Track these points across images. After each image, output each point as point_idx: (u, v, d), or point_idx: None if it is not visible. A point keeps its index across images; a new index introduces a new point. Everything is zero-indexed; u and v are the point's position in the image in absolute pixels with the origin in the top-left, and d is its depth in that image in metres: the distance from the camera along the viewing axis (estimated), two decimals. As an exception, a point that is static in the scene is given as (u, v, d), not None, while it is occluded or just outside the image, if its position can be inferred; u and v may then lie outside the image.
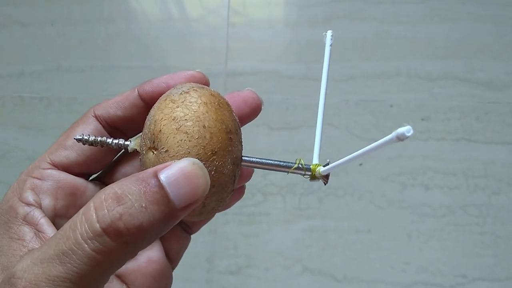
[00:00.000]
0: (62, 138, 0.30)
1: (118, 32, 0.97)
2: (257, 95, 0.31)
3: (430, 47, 0.94)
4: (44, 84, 0.95)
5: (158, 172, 0.22)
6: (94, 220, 0.20)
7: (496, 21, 0.94)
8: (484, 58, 0.93)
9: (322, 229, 0.87)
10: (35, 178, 0.28)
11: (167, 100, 0.26)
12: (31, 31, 0.97)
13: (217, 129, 0.25)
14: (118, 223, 0.20)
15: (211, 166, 0.25)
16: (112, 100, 0.30)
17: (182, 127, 0.24)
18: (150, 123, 0.26)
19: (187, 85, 0.27)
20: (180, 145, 0.24)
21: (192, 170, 0.22)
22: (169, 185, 0.21)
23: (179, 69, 0.94)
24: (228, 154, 0.26)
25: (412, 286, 0.85)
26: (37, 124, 0.93)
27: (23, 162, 0.91)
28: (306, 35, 0.94)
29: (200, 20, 0.97)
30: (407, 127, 0.20)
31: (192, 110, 0.25)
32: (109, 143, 0.28)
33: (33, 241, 0.25)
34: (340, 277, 0.85)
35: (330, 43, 0.29)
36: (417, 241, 0.86)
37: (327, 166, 0.28)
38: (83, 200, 0.29)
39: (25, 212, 0.26)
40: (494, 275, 0.84)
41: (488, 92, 0.90)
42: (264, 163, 0.29)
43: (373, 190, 0.87)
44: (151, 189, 0.21)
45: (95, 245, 0.20)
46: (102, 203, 0.21)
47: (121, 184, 0.21)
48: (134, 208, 0.20)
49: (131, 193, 0.21)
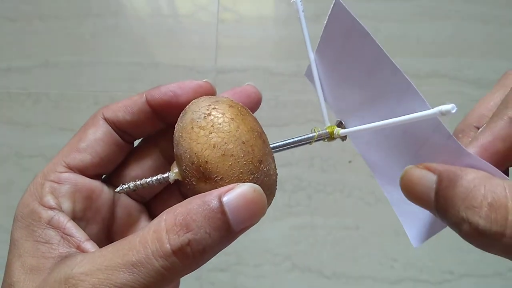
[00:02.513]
0: (74, 141, 0.29)
1: (107, 28, 0.96)
2: (257, 89, 0.32)
3: (419, 45, 0.94)
4: (32, 80, 0.94)
5: (222, 196, 0.24)
6: (165, 242, 0.23)
7: (484, 20, 0.95)
8: (472, 56, 0.94)
9: (311, 225, 0.87)
10: (53, 182, 0.28)
11: (194, 128, 0.26)
12: (19, 26, 0.96)
13: (253, 139, 0.26)
14: (186, 248, 0.23)
15: (261, 174, 0.26)
16: (121, 103, 0.30)
17: (227, 152, 0.25)
18: (190, 156, 0.26)
19: (203, 105, 0.27)
20: (232, 169, 0.25)
21: (252, 197, 0.24)
22: (231, 211, 0.23)
23: (168, 65, 0.93)
24: (268, 155, 0.27)
25: (400, 282, 0.86)
26: (24, 120, 0.92)
27: (10, 158, 0.90)
28: (296, 32, 0.94)
29: (190, 16, 0.97)
30: (452, 105, 0.21)
31: (225, 132, 0.25)
32: (151, 183, 0.29)
33: (61, 245, 0.26)
34: (328, 274, 0.86)
35: (302, 9, 0.30)
36: (405, 238, 0.86)
37: (346, 129, 0.30)
38: (98, 203, 0.30)
39: (49, 216, 0.27)
40: (480, 271, 0.85)
41: (476, 90, 0.91)
42: (288, 143, 0.31)
43: (362, 187, 0.88)
44: (215, 215, 0.23)
45: (163, 263, 0.23)
46: (173, 228, 0.23)
47: (189, 209, 0.23)
48: (199, 235, 0.23)
49: (197, 219, 0.23)
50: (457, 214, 0.22)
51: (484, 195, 0.22)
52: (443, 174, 0.23)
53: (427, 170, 0.24)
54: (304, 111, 0.90)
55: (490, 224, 0.21)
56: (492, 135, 0.25)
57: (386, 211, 0.87)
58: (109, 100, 0.91)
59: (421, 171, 0.24)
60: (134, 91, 0.91)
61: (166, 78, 0.93)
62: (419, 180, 0.24)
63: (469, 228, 0.22)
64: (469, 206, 0.22)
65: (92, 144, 0.29)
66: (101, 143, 0.29)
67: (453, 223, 0.23)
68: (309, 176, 0.88)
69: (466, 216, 0.22)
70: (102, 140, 0.29)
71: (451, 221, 0.23)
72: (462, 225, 0.22)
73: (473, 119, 0.29)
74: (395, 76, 0.24)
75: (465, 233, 0.22)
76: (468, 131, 0.29)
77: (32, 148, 0.91)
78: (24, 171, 0.90)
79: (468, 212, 0.22)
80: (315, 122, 0.89)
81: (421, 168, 0.24)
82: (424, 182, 0.24)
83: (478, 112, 0.29)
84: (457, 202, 0.22)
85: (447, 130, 0.22)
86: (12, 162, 0.90)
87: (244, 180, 0.25)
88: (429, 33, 0.95)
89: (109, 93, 0.91)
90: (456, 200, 0.23)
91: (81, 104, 0.92)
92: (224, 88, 0.31)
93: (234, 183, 0.25)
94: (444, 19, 0.95)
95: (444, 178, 0.23)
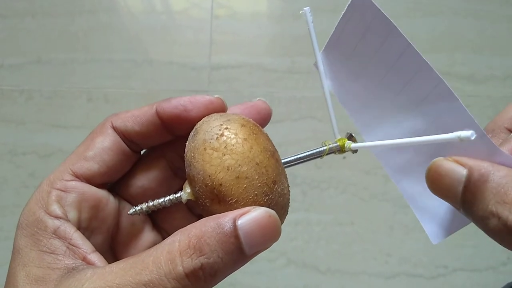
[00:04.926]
0: (82, 149, 0.29)
1: (100, 25, 0.95)
2: (268, 104, 0.32)
3: (412, 40, 0.94)
4: (25, 77, 0.93)
5: (237, 219, 0.23)
6: (178, 264, 0.23)
7: (477, 16, 0.96)
8: (465, 52, 0.94)
9: (306, 222, 0.88)
10: (59, 190, 0.28)
11: (207, 149, 0.26)
12: (11, 23, 0.96)
13: (266, 160, 0.26)
14: (198, 271, 0.23)
15: (275, 195, 0.26)
16: (130, 113, 0.30)
17: (241, 174, 0.25)
18: (203, 178, 0.25)
19: (215, 124, 0.27)
20: (247, 191, 0.25)
21: (267, 222, 0.24)
22: (244, 235, 0.23)
23: (162, 62, 0.93)
24: (281, 174, 0.27)
25: (394, 277, 0.86)
26: (17, 117, 0.91)
27: (4, 156, 0.90)
28: (290, 29, 0.95)
29: (184, 12, 0.96)
30: (471, 132, 0.21)
31: (239, 153, 0.25)
32: (163, 203, 0.29)
33: (67, 255, 0.26)
34: (323, 269, 0.86)
35: (311, 19, 0.30)
36: (399, 233, 0.87)
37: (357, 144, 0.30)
38: (104, 212, 0.29)
39: (55, 225, 0.26)
40: (474, 265, 0.86)
41: (469, 85, 0.92)
42: (300, 158, 0.30)
43: (356, 183, 0.88)
44: (228, 239, 0.23)
45: (175, 285, 0.23)
46: (187, 250, 0.23)
47: (203, 231, 0.23)
48: (212, 259, 0.23)
49: (211, 243, 0.23)
50: (486, 208, 0.22)
51: None
52: (474, 168, 0.23)
53: (457, 164, 0.24)
54: (299, 108, 0.90)
55: None
56: None
57: (380, 207, 0.88)
58: (102, 97, 0.90)
59: (451, 164, 0.24)
60: (128, 88, 0.91)
61: (160, 75, 0.93)
62: (447, 172, 0.24)
63: (497, 223, 0.22)
64: (500, 201, 0.22)
65: (99, 153, 0.29)
66: (109, 152, 0.29)
67: (479, 218, 0.23)
68: (303, 173, 0.88)
69: (496, 211, 0.22)
70: (110, 149, 0.29)
71: (477, 215, 0.23)
72: (490, 219, 0.22)
73: (504, 121, 0.29)
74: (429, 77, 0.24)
75: (493, 228, 0.22)
76: (499, 132, 0.29)
77: (25, 146, 0.90)
78: (17, 169, 0.89)
79: (498, 207, 0.22)
80: (310, 118, 0.89)
81: (450, 161, 0.24)
82: (453, 175, 0.24)
83: (510, 113, 0.29)
84: (487, 196, 0.23)
85: (481, 128, 0.22)
86: (6, 159, 0.90)
87: (258, 202, 0.25)
88: (422, 29, 0.95)
89: (102, 90, 0.90)
90: (486, 194, 0.23)
91: (74, 101, 0.91)
92: (219, 84, 0.31)
93: (249, 206, 0.25)
94: (437, 14, 0.96)
95: (475, 172, 0.23)
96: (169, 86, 0.92)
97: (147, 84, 0.92)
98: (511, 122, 0.29)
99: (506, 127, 0.29)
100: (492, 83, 0.93)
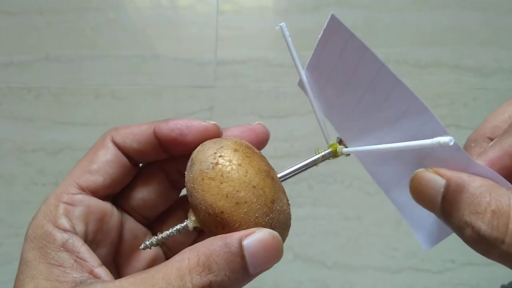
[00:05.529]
0: (85, 163, 0.30)
1: (107, 21, 0.96)
2: (266, 128, 0.33)
3: (419, 34, 0.94)
4: (33, 74, 0.94)
5: (243, 239, 0.25)
6: (188, 281, 0.24)
7: (484, 9, 0.95)
8: (472, 45, 0.94)
9: (312, 216, 0.88)
10: (66, 204, 0.28)
11: (204, 179, 0.27)
12: (19, 20, 0.96)
13: (262, 181, 0.27)
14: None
15: (275, 213, 0.27)
16: (130, 130, 0.31)
17: (240, 200, 0.26)
18: (205, 208, 0.27)
19: (209, 153, 0.28)
20: (247, 215, 0.26)
21: (271, 243, 0.25)
22: (250, 255, 0.24)
23: (168, 58, 0.93)
24: (279, 191, 0.28)
25: (401, 272, 0.86)
26: (26, 115, 0.92)
27: (13, 153, 0.91)
28: (296, 23, 0.94)
29: (190, 8, 0.96)
30: (450, 138, 0.22)
31: (235, 179, 0.26)
32: (172, 234, 0.30)
33: (74, 268, 0.26)
34: (330, 264, 0.87)
35: (288, 34, 0.31)
36: (406, 227, 0.87)
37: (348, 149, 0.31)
38: (109, 225, 0.30)
39: (64, 239, 0.27)
40: (481, 259, 0.85)
41: (475, 78, 0.91)
42: (295, 170, 0.31)
43: (362, 176, 0.88)
44: (235, 259, 0.24)
45: None
46: (196, 268, 0.24)
47: (211, 250, 0.24)
48: (220, 277, 0.24)
49: (219, 262, 0.24)
50: (461, 218, 0.23)
51: (489, 202, 0.23)
52: (452, 179, 0.24)
53: (436, 174, 0.25)
54: (305, 102, 0.90)
55: (491, 230, 0.22)
56: (501, 150, 0.26)
57: (386, 201, 0.87)
58: (109, 93, 0.91)
59: (431, 175, 0.25)
60: (135, 83, 0.91)
61: (166, 70, 0.93)
62: (427, 183, 0.25)
63: (471, 232, 0.23)
64: (474, 211, 0.23)
65: (103, 166, 0.30)
66: (112, 165, 0.30)
67: (456, 227, 0.24)
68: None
69: (470, 221, 0.23)
70: (113, 162, 0.30)
71: (454, 225, 0.24)
72: (465, 229, 0.23)
73: (486, 130, 0.30)
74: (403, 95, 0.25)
75: (467, 237, 0.23)
76: (481, 141, 0.29)
77: (34, 143, 0.91)
78: (26, 166, 0.90)
79: (472, 217, 0.23)
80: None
81: (431, 172, 0.25)
82: (432, 185, 0.25)
83: (492, 123, 0.30)
84: (462, 206, 0.23)
85: (457, 143, 0.23)
86: (15, 157, 0.91)
87: (260, 223, 0.26)
88: (428, 22, 0.95)
89: (110, 87, 0.91)
90: (461, 204, 0.23)
91: (82, 98, 0.92)
92: (224, 79, 0.31)
93: (253, 227, 0.26)
94: (443, 7, 0.95)
95: (452, 183, 0.24)
96: (176, 81, 0.92)
97: (153, 79, 0.93)
98: (492, 131, 0.29)
99: (488, 136, 0.29)
100: (499, 76, 0.92)
